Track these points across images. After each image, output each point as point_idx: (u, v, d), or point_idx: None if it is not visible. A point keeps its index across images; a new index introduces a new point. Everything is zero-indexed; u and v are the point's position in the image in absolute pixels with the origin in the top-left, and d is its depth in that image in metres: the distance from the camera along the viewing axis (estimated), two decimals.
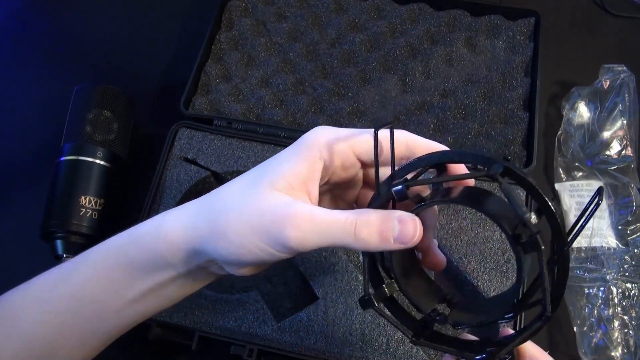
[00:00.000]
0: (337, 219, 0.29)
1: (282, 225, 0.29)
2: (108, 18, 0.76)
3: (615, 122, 0.60)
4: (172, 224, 0.33)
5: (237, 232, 0.30)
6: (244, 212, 0.30)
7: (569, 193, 0.59)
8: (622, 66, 0.61)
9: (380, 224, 0.28)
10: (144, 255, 0.33)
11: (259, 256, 0.30)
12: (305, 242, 0.29)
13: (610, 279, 0.53)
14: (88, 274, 0.34)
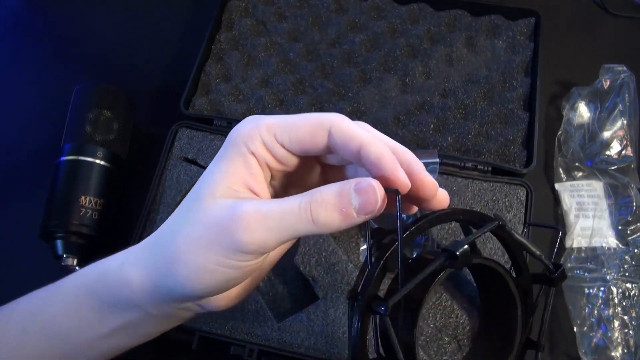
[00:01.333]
0: (290, 206, 0.26)
1: (232, 230, 0.26)
2: (108, 18, 0.76)
3: (615, 122, 0.60)
4: (132, 262, 0.31)
5: (189, 252, 0.28)
6: (191, 232, 0.28)
7: (569, 193, 0.59)
8: (622, 66, 0.61)
9: (337, 200, 0.25)
10: (111, 296, 0.32)
11: (222, 273, 0.28)
12: (262, 242, 0.27)
13: (610, 279, 0.53)
14: (60, 307, 0.33)
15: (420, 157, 0.59)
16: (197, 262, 0.28)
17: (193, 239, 0.28)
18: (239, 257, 0.27)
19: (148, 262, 0.31)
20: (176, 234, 0.29)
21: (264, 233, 0.26)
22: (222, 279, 0.28)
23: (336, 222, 0.26)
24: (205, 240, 0.27)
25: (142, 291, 0.31)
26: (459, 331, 0.53)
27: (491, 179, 0.57)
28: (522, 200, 0.56)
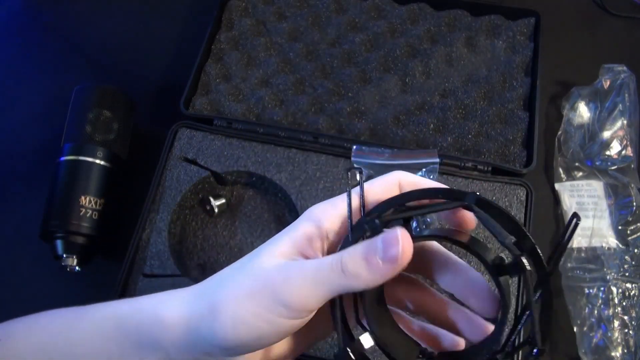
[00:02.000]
0: (325, 262, 0.27)
1: (275, 283, 0.27)
2: (108, 18, 0.76)
3: (615, 122, 0.60)
4: (171, 302, 0.31)
5: (231, 301, 0.28)
6: (239, 282, 0.29)
7: (569, 193, 0.59)
8: (622, 66, 0.61)
9: (364, 251, 0.26)
10: (138, 333, 0.31)
11: (257, 328, 0.28)
12: (301, 297, 0.27)
13: (610, 279, 0.53)
14: (86, 334, 0.33)
15: (420, 157, 0.59)
16: (236, 310, 0.28)
17: (239, 288, 0.28)
18: (279, 312, 0.27)
19: (188, 305, 0.31)
20: (225, 282, 0.30)
21: (303, 287, 0.27)
22: (256, 334, 0.28)
23: (364, 272, 0.26)
24: (250, 290, 0.28)
25: (173, 332, 0.30)
26: None
27: (491, 179, 0.57)
28: (522, 200, 0.56)
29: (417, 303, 0.34)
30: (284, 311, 0.27)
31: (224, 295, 0.29)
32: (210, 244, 0.58)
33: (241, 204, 0.60)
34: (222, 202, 0.59)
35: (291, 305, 0.27)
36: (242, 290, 0.28)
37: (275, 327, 0.28)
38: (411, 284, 0.34)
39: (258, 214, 0.59)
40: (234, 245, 0.58)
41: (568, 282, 0.54)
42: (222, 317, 0.28)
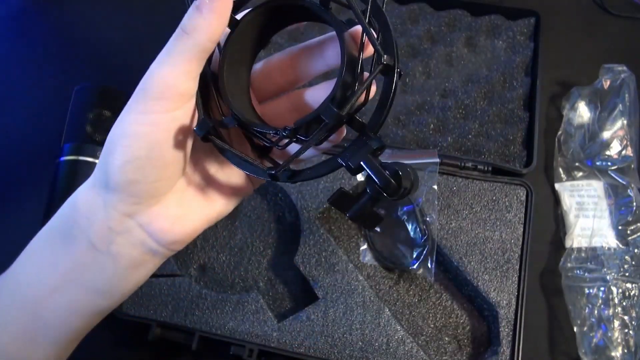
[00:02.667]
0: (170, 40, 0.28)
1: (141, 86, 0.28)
2: (108, 18, 0.76)
3: (615, 122, 0.60)
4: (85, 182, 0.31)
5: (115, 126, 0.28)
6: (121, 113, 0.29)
7: (569, 193, 0.59)
8: (623, 66, 0.61)
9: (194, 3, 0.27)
10: (59, 224, 0.31)
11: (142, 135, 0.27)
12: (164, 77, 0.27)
13: (610, 279, 0.53)
14: (24, 259, 0.33)
15: (420, 157, 0.59)
16: (119, 130, 0.28)
17: (120, 116, 0.29)
18: (151, 107, 0.27)
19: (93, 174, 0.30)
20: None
21: (161, 70, 0.27)
22: (144, 142, 0.27)
23: (199, 18, 0.26)
24: (126, 108, 0.28)
25: (84, 201, 0.30)
26: (458, 331, 0.53)
27: (491, 179, 0.57)
28: (522, 200, 0.56)
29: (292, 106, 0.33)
30: (157, 103, 0.27)
31: (111, 133, 0.29)
32: (210, 244, 0.58)
33: (241, 204, 0.60)
34: None
35: (159, 91, 0.27)
36: (122, 114, 0.28)
37: (158, 126, 0.27)
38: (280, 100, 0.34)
39: (258, 214, 0.59)
40: (234, 245, 0.58)
41: (568, 282, 0.54)
42: (111, 145, 0.28)
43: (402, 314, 0.54)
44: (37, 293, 0.31)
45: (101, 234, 0.29)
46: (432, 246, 0.54)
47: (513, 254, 0.54)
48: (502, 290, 0.52)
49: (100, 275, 0.31)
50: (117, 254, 0.30)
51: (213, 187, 0.32)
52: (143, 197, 0.29)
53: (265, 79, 0.32)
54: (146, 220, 0.29)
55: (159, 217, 0.30)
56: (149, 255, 0.31)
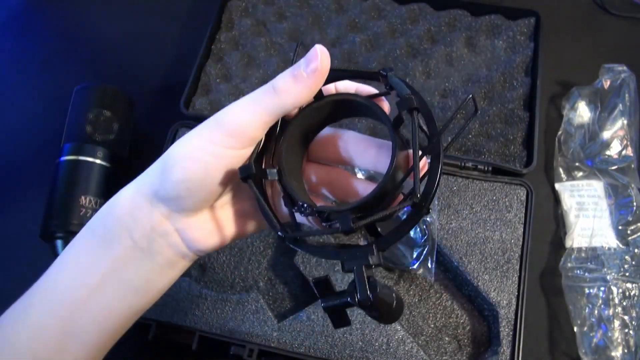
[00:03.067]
0: (260, 89, 0.31)
1: (218, 116, 0.30)
2: (108, 18, 0.76)
3: (615, 122, 0.60)
4: (130, 183, 0.33)
5: (181, 145, 0.31)
6: (188, 134, 0.31)
7: (569, 193, 0.59)
8: (623, 66, 0.61)
9: (291, 69, 0.30)
10: (102, 224, 0.33)
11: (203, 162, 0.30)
12: (241, 120, 0.30)
13: (610, 279, 0.53)
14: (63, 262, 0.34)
15: None
16: (184, 150, 0.30)
17: (185, 136, 0.31)
18: (222, 140, 0.30)
19: (143, 175, 0.33)
20: (175, 143, 0.32)
21: (241, 113, 0.30)
22: (203, 169, 0.30)
23: (291, 85, 0.30)
24: (196, 132, 0.31)
25: (130, 202, 0.32)
26: (459, 331, 0.53)
27: (491, 179, 0.57)
28: (522, 200, 0.56)
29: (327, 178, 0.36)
30: (227, 139, 0.30)
31: (175, 146, 0.31)
32: None
33: None
34: None
35: (233, 129, 0.30)
36: (191, 134, 0.31)
37: (219, 158, 0.30)
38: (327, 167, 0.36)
39: None
40: (234, 245, 0.58)
41: (568, 282, 0.54)
42: (172, 161, 0.31)
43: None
44: (76, 296, 0.33)
45: (143, 231, 0.32)
46: (432, 246, 0.54)
47: (513, 254, 0.54)
48: (502, 290, 0.52)
49: (138, 273, 0.33)
50: (156, 252, 0.33)
51: (244, 213, 0.35)
52: (185, 209, 0.32)
53: (323, 145, 0.36)
54: (182, 227, 0.33)
55: (194, 228, 0.33)
56: (179, 257, 0.34)
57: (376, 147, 0.34)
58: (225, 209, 0.34)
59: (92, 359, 0.35)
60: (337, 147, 0.35)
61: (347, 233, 0.29)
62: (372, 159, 0.34)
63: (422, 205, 0.29)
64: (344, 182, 0.35)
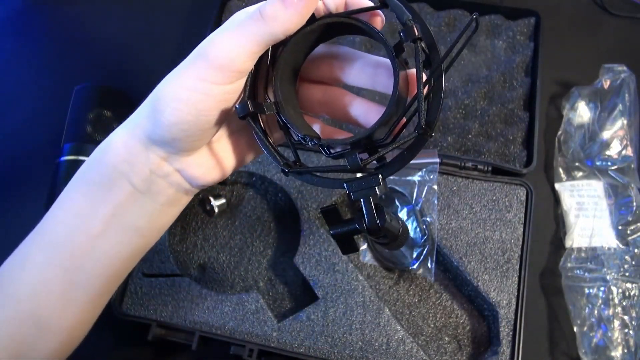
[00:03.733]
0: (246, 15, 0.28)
1: (203, 50, 0.29)
2: (108, 18, 0.76)
3: (615, 122, 0.60)
4: (120, 127, 0.33)
5: (167, 85, 0.29)
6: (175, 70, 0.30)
7: (569, 193, 0.59)
8: (623, 66, 0.61)
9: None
10: (97, 172, 0.32)
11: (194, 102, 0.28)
12: (228, 52, 0.28)
13: (610, 279, 0.53)
14: (58, 212, 0.33)
15: (420, 157, 0.59)
16: (172, 90, 0.29)
17: (172, 74, 0.29)
18: (209, 76, 0.28)
19: (134, 117, 0.32)
20: (162, 81, 0.30)
21: (227, 44, 0.28)
22: (194, 109, 0.29)
23: (281, 11, 0.27)
24: (182, 69, 0.29)
25: (124, 148, 0.31)
26: (459, 331, 0.53)
27: (491, 179, 0.57)
28: (522, 200, 0.56)
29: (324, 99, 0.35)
30: (215, 74, 0.28)
31: (162, 86, 0.30)
32: (210, 244, 0.58)
33: (241, 204, 0.60)
34: (222, 202, 0.59)
35: (220, 64, 0.28)
36: (178, 72, 0.29)
37: (210, 96, 0.28)
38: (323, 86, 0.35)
39: (258, 214, 0.59)
40: (234, 245, 0.58)
41: (568, 282, 0.54)
42: (161, 103, 0.29)
43: (402, 314, 0.54)
44: (78, 244, 0.32)
45: (142, 175, 0.31)
46: (432, 246, 0.54)
47: (513, 254, 0.54)
48: (502, 290, 0.52)
49: (140, 214, 0.33)
50: (157, 193, 0.32)
51: (242, 144, 0.34)
52: (182, 150, 0.31)
53: (315, 64, 0.34)
54: (182, 167, 0.32)
55: (193, 165, 0.32)
56: (182, 194, 0.34)
57: (374, 65, 0.32)
58: (222, 143, 0.33)
59: (99, 305, 0.35)
60: (331, 64, 0.33)
61: (355, 171, 0.29)
62: (369, 76, 0.32)
63: (427, 131, 0.28)
64: (343, 102, 0.34)
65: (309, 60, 0.34)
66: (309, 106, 0.35)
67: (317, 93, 0.34)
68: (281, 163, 0.30)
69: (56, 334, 0.34)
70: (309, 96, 0.34)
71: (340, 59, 0.33)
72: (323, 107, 0.34)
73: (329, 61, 0.33)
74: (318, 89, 0.34)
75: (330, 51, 0.34)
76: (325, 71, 0.34)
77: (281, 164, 0.30)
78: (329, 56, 0.34)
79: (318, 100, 0.34)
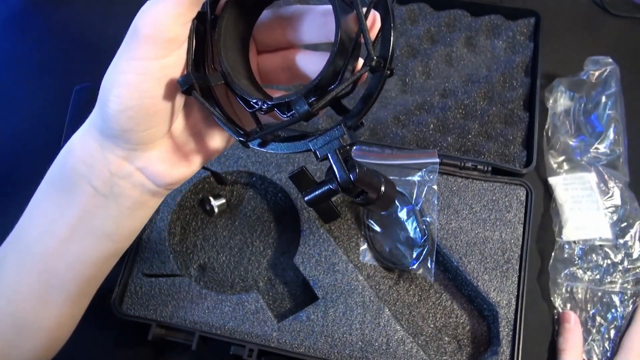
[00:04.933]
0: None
1: (134, 25, 0.27)
2: (108, 18, 0.76)
3: (602, 115, 0.60)
4: (79, 130, 0.31)
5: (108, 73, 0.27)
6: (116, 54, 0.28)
7: (563, 187, 0.59)
8: (608, 58, 0.61)
9: None
10: (60, 175, 0.31)
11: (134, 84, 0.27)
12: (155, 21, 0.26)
13: (602, 272, 0.53)
14: (30, 216, 0.33)
15: (420, 157, 0.59)
16: (111, 78, 0.27)
17: (114, 60, 0.28)
18: (142, 52, 0.26)
19: (90, 116, 0.30)
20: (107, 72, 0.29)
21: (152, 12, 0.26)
22: (136, 91, 0.27)
23: None
24: (119, 52, 0.27)
25: (82, 150, 0.30)
26: (458, 331, 0.53)
27: (491, 179, 0.57)
28: (522, 200, 0.56)
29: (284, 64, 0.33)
30: (147, 49, 0.26)
31: (104, 79, 0.28)
32: (210, 244, 0.58)
33: (241, 204, 0.60)
34: (222, 202, 0.59)
35: (149, 35, 0.26)
36: (115, 59, 0.28)
37: (148, 74, 0.27)
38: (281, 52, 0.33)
39: (258, 214, 0.59)
40: (234, 245, 0.58)
41: (556, 278, 0.54)
42: (105, 93, 0.28)
43: (402, 314, 0.54)
44: (48, 247, 0.32)
45: (102, 178, 0.30)
46: (432, 246, 0.54)
47: (513, 254, 0.54)
48: (502, 290, 0.52)
49: (106, 219, 0.32)
50: (120, 195, 0.31)
51: (205, 133, 0.32)
52: (138, 143, 0.29)
53: (267, 31, 0.32)
54: (143, 164, 0.30)
55: (155, 162, 0.30)
56: (148, 196, 0.32)
57: (321, 15, 0.30)
58: (183, 133, 0.31)
59: (78, 307, 0.35)
60: (283, 27, 0.32)
61: (307, 119, 0.26)
62: (320, 28, 0.31)
63: (383, 67, 0.26)
64: (302, 63, 0.32)
65: (260, 29, 0.32)
66: (274, 77, 0.33)
67: (277, 60, 0.33)
68: (239, 134, 0.28)
69: (36, 333, 0.34)
70: (271, 66, 0.33)
71: (289, 19, 0.31)
72: (286, 74, 0.33)
73: (280, 24, 0.32)
74: (277, 56, 0.33)
75: (279, 13, 0.32)
76: (279, 35, 0.32)
77: (238, 136, 0.28)
78: (278, 19, 0.32)
79: (280, 68, 0.33)
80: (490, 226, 0.55)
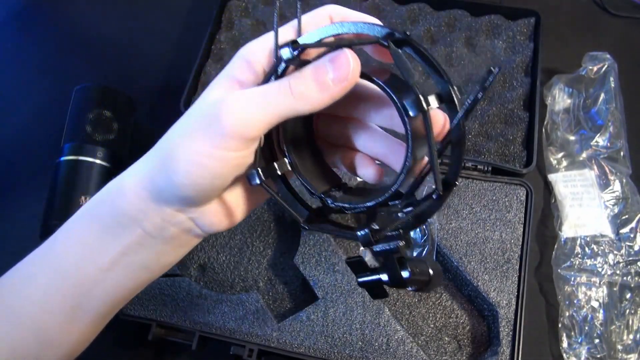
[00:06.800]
0: (271, 85, 0.27)
1: (217, 115, 0.27)
2: (108, 18, 0.76)
3: (601, 110, 0.60)
4: (130, 171, 0.32)
5: (180, 146, 0.29)
6: (184, 127, 0.29)
7: (563, 183, 0.59)
8: (606, 54, 0.61)
9: (314, 72, 0.26)
10: (108, 214, 0.32)
11: (209, 168, 0.28)
12: (245, 121, 0.27)
13: (602, 271, 0.53)
14: (66, 241, 0.34)
15: None
16: (185, 154, 0.28)
17: (185, 132, 0.29)
18: (224, 144, 0.27)
19: (144, 166, 0.31)
20: (175, 129, 0.30)
21: (246, 111, 0.27)
22: (208, 173, 0.28)
23: (314, 93, 0.26)
24: (195, 131, 0.28)
25: (137, 198, 0.31)
26: (458, 331, 0.53)
27: (491, 179, 0.57)
28: (522, 200, 0.56)
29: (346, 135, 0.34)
30: (230, 143, 0.27)
31: (174, 143, 0.29)
32: (210, 244, 0.58)
33: None
34: None
35: (236, 133, 0.27)
36: (188, 134, 0.29)
37: (224, 161, 0.28)
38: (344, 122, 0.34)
39: (258, 214, 0.59)
40: (234, 245, 0.58)
41: (558, 273, 0.54)
42: (173, 164, 0.29)
43: (402, 314, 0.54)
44: (86, 274, 0.33)
45: (154, 223, 0.31)
46: (432, 246, 0.54)
47: (513, 254, 0.54)
48: (502, 290, 0.52)
49: (149, 255, 0.33)
50: (169, 238, 0.32)
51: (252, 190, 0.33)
52: (194, 205, 0.31)
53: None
54: (196, 216, 0.32)
55: (207, 214, 0.32)
56: (194, 237, 0.34)
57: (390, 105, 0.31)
58: (234, 192, 0.33)
59: (103, 324, 0.36)
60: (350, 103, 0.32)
61: (364, 244, 0.28)
62: (388, 116, 0.32)
63: (444, 195, 0.28)
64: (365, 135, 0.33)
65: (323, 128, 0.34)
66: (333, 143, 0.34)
67: (339, 126, 0.34)
68: (301, 221, 0.30)
69: (59, 348, 0.34)
70: (330, 130, 0.34)
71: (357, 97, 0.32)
72: (346, 140, 0.34)
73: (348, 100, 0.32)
74: (339, 122, 0.34)
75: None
76: (341, 108, 0.33)
77: (302, 222, 0.30)
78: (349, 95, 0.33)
79: (341, 133, 0.34)
80: (490, 226, 0.55)
